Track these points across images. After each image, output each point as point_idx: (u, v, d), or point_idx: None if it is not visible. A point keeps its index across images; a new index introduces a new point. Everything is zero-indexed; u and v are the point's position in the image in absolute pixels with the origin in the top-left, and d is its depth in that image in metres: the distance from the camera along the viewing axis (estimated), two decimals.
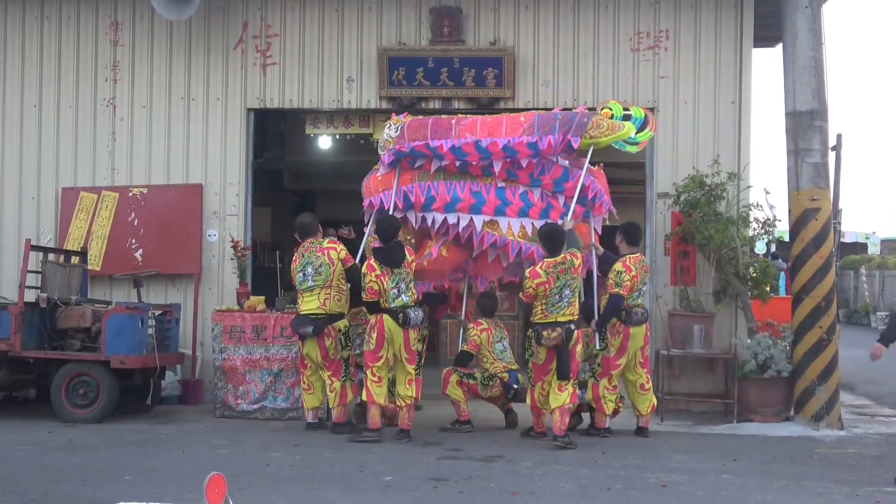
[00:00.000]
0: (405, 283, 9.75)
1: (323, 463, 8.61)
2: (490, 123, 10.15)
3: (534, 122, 10.05)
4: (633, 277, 10.08)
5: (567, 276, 9.59)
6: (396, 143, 10.26)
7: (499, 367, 10.43)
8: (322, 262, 10.01)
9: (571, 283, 9.63)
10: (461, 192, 10.23)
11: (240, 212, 12.51)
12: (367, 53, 12.44)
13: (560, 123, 9.97)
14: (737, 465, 8.89)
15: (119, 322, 10.57)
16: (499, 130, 10.03)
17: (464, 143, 10.03)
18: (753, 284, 11.83)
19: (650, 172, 12.30)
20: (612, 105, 10.51)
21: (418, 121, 10.35)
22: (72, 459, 8.64)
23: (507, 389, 10.42)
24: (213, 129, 12.59)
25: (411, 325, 9.70)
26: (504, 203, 10.21)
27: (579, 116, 10.06)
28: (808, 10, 11.17)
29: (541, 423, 9.99)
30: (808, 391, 10.90)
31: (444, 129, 10.15)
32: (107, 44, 12.73)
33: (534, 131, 9.96)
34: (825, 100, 11.28)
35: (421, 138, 10.15)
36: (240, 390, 10.97)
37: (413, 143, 10.18)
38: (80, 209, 12.48)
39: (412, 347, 9.76)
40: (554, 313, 9.59)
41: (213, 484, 5.04)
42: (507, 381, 10.40)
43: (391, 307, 9.68)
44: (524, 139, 9.92)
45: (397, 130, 10.28)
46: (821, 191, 11.16)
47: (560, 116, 10.09)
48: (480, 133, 10.04)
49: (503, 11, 12.39)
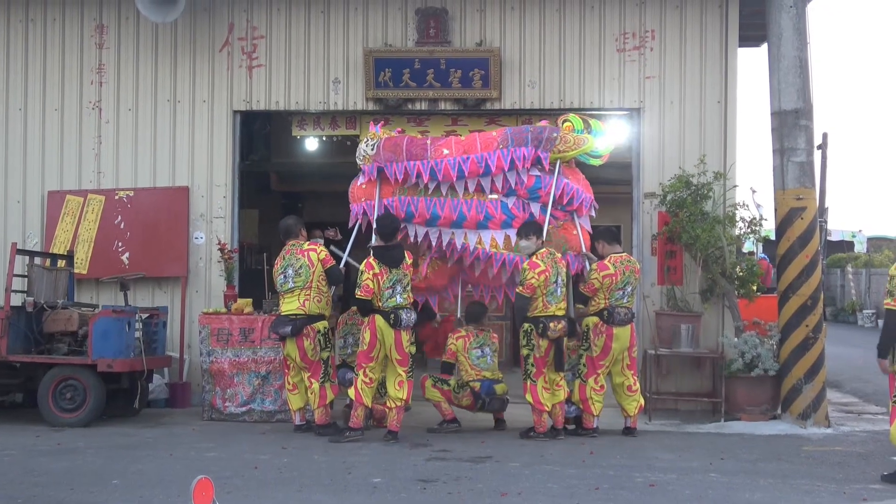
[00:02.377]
0: (401, 285, 9.76)
1: (311, 465, 8.60)
2: (464, 142, 10.33)
3: (507, 135, 10.23)
4: (609, 276, 10.10)
5: (560, 268, 9.77)
6: (374, 160, 10.39)
7: (472, 376, 10.41)
8: (302, 263, 10.03)
9: (562, 274, 9.78)
10: (441, 209, 10.27)
11: (226, 214, 12.49)
12: (353, 55, 12.43)
13: (532, 136, 10.12)
14: (724, 463, 8.92)
15: (106, 325, 10.54)
16: (473, 147, 10.21)
17: (442, 165, 10.13)
18: (740, 283, 11.86)
19: (636, 172, 12.32)
20: (573, 118, 10.61)
21: (393, 140, 10.43)
22: (59, 463, 8.62)
23: (477, 399, 10.40)
24: (200, 132, 12.56)
25: (403, 327, 9.70)
26: (486, 217, 10.25)
27: (548, 132, 10.20)
28: (792, 9, 11.21)
29: (543, 422, 9.97)
30: (795, 389, 10.93)
31: (420, 149, 10.28)
32: (92, 46, 12.70)
33: (508, 143, 10.13)
34: (810, 99, 11.32)
35: (397, 159, 10.28)
36: (227, 393, 10.95)
37: (389, 163, 10.29)
38: (66, 212, 12.44)
39: (405, 349, 9.77)
40: (554, 304, 9.73)
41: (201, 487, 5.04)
42: (477, 390, 10.37)
43: (383, 307, 9.69)
44: (499, 153, 10.07)
45: (373, 149, 10.40)
46: (806, 190, 11.20)
47: (531, 130, 10.22)
48: (456, 152, 10.18)
49: (489, 12, 12.40)
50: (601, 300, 10.17)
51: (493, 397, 10.36)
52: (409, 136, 10.59)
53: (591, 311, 10.27)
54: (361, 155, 10.52)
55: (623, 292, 10.18)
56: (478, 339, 10.53)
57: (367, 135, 10.70)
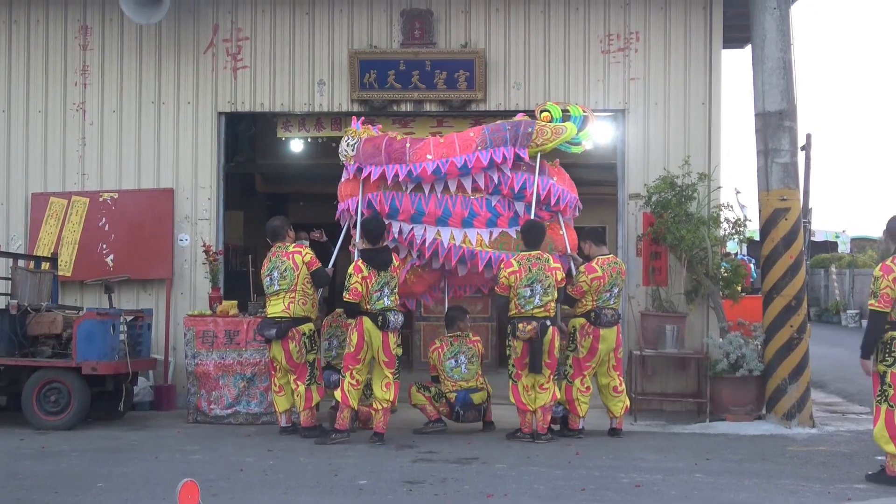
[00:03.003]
0: (389, 287, 9.78)
1: (297, 467, 8.59)
2: (443, 144, 10.29)
3: (485, 136, 10.21)
4: (598, 278, 10.12)
5: (540, 271, 9.74)
6: (356, 160, 10.37)
7: (447, 387, 10.44)
8: (287, 266, 10.04)
9: (543, 280, 9.74)
10: (426, 205, 10.26)
11: (211, 216, 12.46)
12: (338, 56, 12.42)
13: (510, 135, 10.13)
14: (709, 463, 8.94)
15: (90, 328, 10.50)
16: (452, 149, 10.19)
17: (421, 169, 10.12)
18: (725, 284, 11.89)
19: (621, 173, 12.35)
20: (550, 107, 10.62)
21: (372, 142, 10.37)
22: (43, 467, 8.58)
23: (452, 409, 10.41)
24: (184, 133, 12.53)
25: (391, 329, 9.72)
26: (471, 215, 10.25)
27: (523, 127, 10.21)
28: (776, 11, 11.25)
29: (528, 423, 9.97)
30: (780, 390, 10.97)
31: (399, 152, 10.23)
32: (76, 48, 12.65)
33: (486, 144, 10.13)
34: (794, 100, 11.35)
35: (376, 162, 10.24)
36: (213, 395, 10.92)
37: (368, 164, 10.25)
38: (49, 215, 12.39)
39: (392, 351, 9.78)
40: (528, 308, 9.73)
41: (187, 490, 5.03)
42: (452, 401, 10.39)
43: (371, 309, 9.69)
44: (478, 154, 10.08)
45: (353, 149, 10.38)
46: (790, 191, 11.23)
47: (509, 128, 10.21)
48: (435, 154, 10.15)
49: (474, 14, 12.41)
50: (588, 302, 10.19)
51: (467, 408, 10.36)
52: (389, 136, 10.50)
53: (578, 313, 10.28)
54: (343, 153, 10.52)
55: (610, 294, 10.20)
56: (452, 348, 10.50)
57: (348, 132, 10.66)
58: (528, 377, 9.88)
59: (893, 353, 8.06)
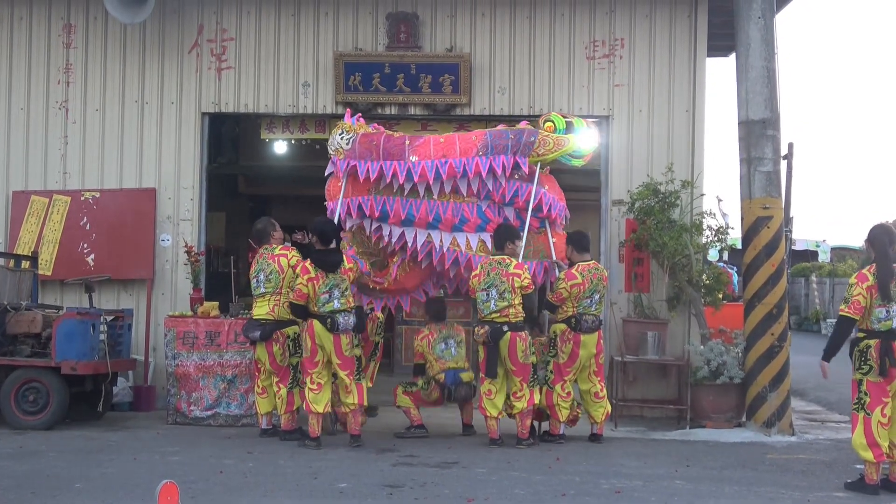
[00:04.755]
0: (339, 290, 9.62)
1: (276, 470, 8.55)
2: (443, 144, 10.07)
3: (487, 142, 10.01)
4: (577, 285, 10.12)
5: (497, 276, 9.70)
6: (348, 155, 10.09)
7: (436, 369, 10.42)
8: (272, 269, 10.03)
9: (499, 284, 9.68)
10: (416, 210, 10.14)
11: (194, 216, 12.43)
12: (323, 58, 12.41)
13: (512, 144, 9.97)
14: (689, 470, 8.95)
15: (70, 327, 10.45)
16: (452, 150, 10.00)
17: (419, 168, 9.93)
18: (706, 291, 11.92)
19: (605, 180, 12.38)
20: (555, 118, 10.46)
21: (369, 137, 10.12)
22: (21, 467, 8.52)
23: (443, 389, 10.41)
24: (168, 133, 12.49)
25: (340, 331, 9.57)
26: (462, 220, 10.18)
27: (526, 135, 10.06)
28: (761, 20, 11.29)
29: (489, 427, 9.91)
30: (760, 397, 11.00)
31: (398, 149, 10.01)
32: (59, 46, 12.60)
33: (488, 151, 9.96)
34: (777, 109, 11.40)
35: (373, 157, 10.00)
36: (193, 397, 10.88)
37: (363, 160, 10.01)
38: (30, 213, 12.33)
39: (344, 353, 9.61)
40: (485, 312, 9.76)
41: (166, 492, 5.00)
42: (442, 381, 10.38)
43: (320, 312, 9.62)
44: (478, 160, 9.92)
45: (349, 143, 10.09)
46: (773, 199, 11.27)
47: (511, 136, 10.06)
48: (434, 154, 9.98)
49: (460, 18, 12.42)
50: (569, 308, 10.19)
51: (458, 384, 10.37)
52: (387, 133, 10.23)
53: (559, 319, 10.28)
54: (335, 146, 10.18)
55: (591, 300, 10.20)
56: (441, 333, 10.54)
57: (342, 125, 10.29)
58: (491, 383, 9.84)
59: (869, 362, 8.10)
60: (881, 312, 8.11)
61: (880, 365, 8.06)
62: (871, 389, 8.09)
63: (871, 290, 8.11)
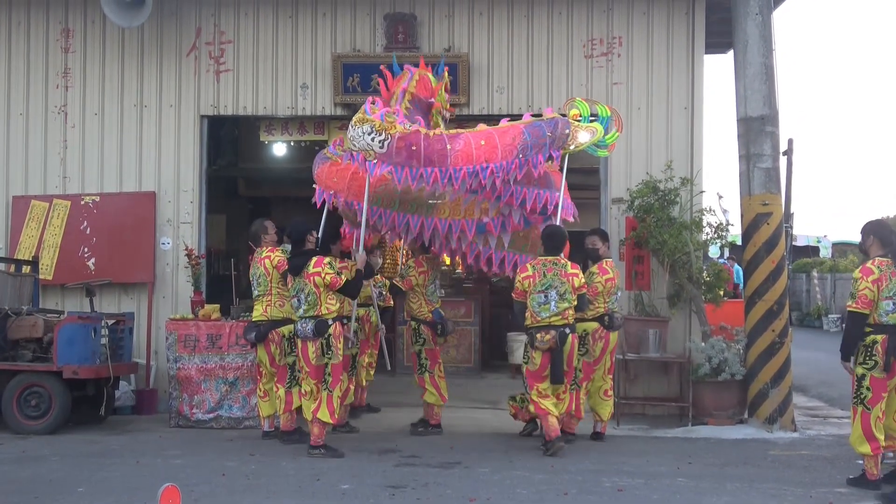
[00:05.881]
0: (303, 294, 9.37)
1: (279, 472, 8.56)
2: (485, 147, 9.08)
3: (525, 141, 9.15)
4: (610, 280, 10.19)
5: (555, 276, 9.41)
6: (381, 159, 8.99)
7: (425, 311, 10.59)
8: (260, 272, 10.06)
9: (559, 286, 9.39)
10: (414, 227, 10.15)
11: (194, 219, 12.43)
12: (321, 60, 12.41)
13: (549, 140, 9.34)
14: (692, 467, 8.96)
15: (71, 332, 10.46)
16: (494, 154, 9.07)
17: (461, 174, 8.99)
18: (707, 288, 11.92)
19: (604, 178, 12.37)
20: (579, 103, 10.29)
21: (406, 140, 8.96)
22: (24, 471, 8.53)
23: (434, 327, 10.55)
24: (167, 137, 12.50)
25: (300, 337, 9.40)
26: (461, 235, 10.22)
27: (560, 127, 9.52)
28: (758, 17, 11.29)
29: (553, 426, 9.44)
30: (762, 394, 11.00)
31: (439, 154, 8.97)
32: (58, 50, 12.61)
33: (528, 151, 9.21)
34: (776, 105, 11.40)
35: (413, 163, 8.97)
36: (195, 399, 10.88)
37: (400, 167, 8.99)
38: (31, 218, 12.33)
39: (311, 361, 9.33)
40: (543, 315, 9.36)
41: (168, 495, 5.01)
42: (431, 320, 10.57)
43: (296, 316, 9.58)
44: (517, 161, 9.15)
45: (382, 146, 8.90)
46: (772, 195, 11.27)
47: (548, 132, 9.35)
48: (477, 158, 9.03)
49: (457, 18, 12.42)
50: (600, 305, 10.14)
51: (444, 320, 10.63)
52: (424, 134, 9.07)
53: (591, 316, 10.11)
54: (362, 145, 9.01)
55: (616, 297, 10.26)
56: (434, 273, 10.79)
57: (369, 121, 9.01)
58: (549, 387, 9.54)
59: (875, 357, 8.09)
60: (888, 305, 8.10)
61: (885, 361, 8.06)
62: (874, 385, 8.09)
63: (877, 282, 8.10)
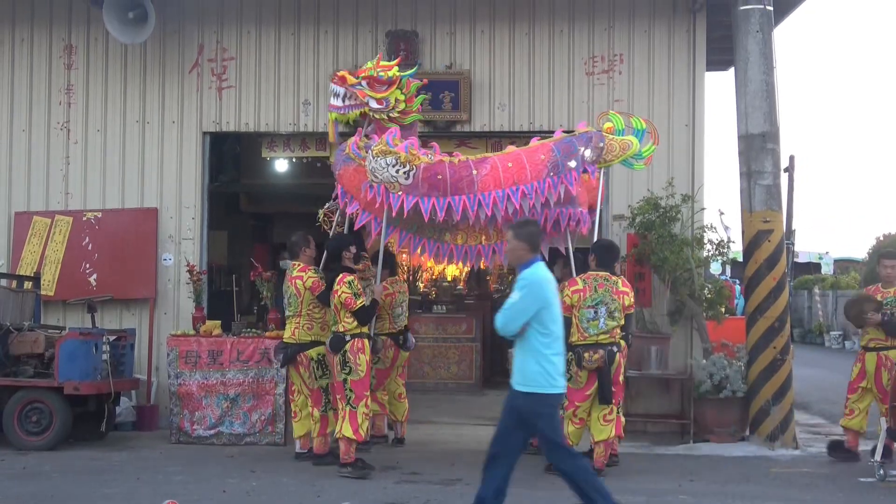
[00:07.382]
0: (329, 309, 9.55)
1: (279, 489, 8.55)
2: (513, 170, 9.10)
3: (556, 158, 9.18)
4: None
5: (606, 293, 9.23)
6: (406, 190, 8.99)
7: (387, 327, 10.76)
8: (291, 292, 9.89)
9: (609, 302, 9.19)
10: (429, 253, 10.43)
11: (195, 235, 12.45)
12: (323, 77, 12.42)
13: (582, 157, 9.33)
14: (693, 485, 8.94)
15: (73, 348, 10.45)
16: (523, 175, 9.09)
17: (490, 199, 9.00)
18: (708, 305, 11.92)
19: (606, 194, 12.34)
20: (613, 117, 10.17)
21: (432, 170, 9.02)
22: (25, 488, 8.52)
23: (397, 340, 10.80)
24: (169, 153, 12.52)
25: None
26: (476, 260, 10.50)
27: (594, 141, 9.50)
28: (759, 34, 11.31)
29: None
30: (763, 411, 10.98)
31: (466, 181, 9.00)
32: (60, 67, 12.65)
33: (559, 170, 9.18)
34: (777, 122, 11.42)
35: (439, 193, 9.00)
36: (196, 416, 10.87)
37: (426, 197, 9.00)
38: (33, 234, 12.35)
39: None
40: (591, 332, 9.15)
41: None
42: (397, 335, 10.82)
43: None
44: (548, 180, 9.12)
45: (408, 177, 8.92)
46: (773, 212, 11.28)
47: (580, 147, 9.33)
48: (505, 182, 9.03)
49: (459, 35, 12.45)
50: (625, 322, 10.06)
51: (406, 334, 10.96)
52: (448, 162, 9.12)
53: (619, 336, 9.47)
54: (386, 178, 9.02)
55: None
56: (400, 296, 10.93)
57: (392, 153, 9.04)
58: (583, 409, 9.35)
59: None
60: None
61: None
62: None
63: None
